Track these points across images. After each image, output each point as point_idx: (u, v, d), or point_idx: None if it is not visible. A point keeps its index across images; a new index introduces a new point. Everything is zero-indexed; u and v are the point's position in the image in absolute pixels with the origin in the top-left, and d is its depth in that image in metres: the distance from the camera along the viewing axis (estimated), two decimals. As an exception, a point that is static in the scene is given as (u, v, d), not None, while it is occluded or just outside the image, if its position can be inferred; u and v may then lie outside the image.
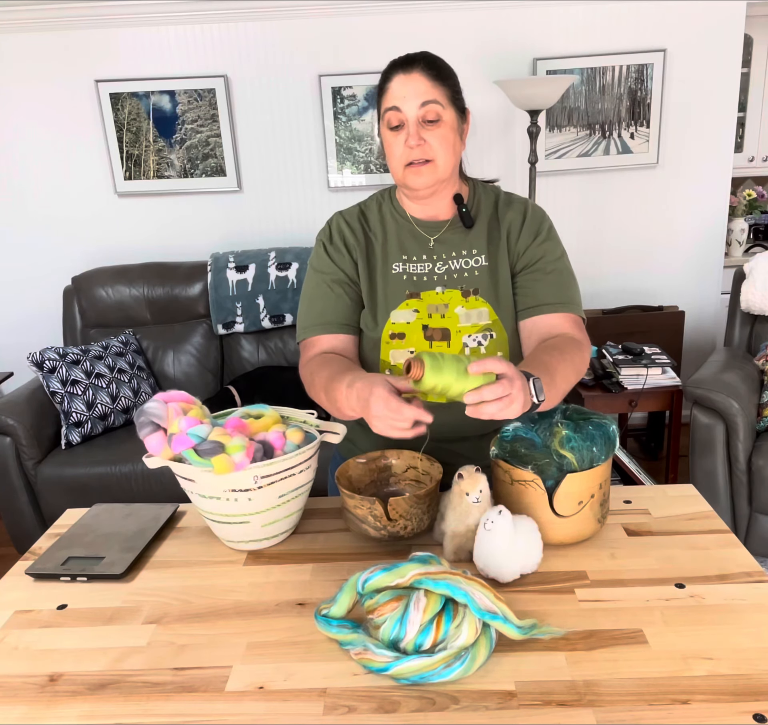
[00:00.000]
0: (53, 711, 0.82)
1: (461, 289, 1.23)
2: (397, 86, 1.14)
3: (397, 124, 1.15)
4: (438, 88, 1.14)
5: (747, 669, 0.82)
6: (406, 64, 1.14)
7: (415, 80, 1.13)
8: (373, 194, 1.33)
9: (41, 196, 3.22)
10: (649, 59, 3.06)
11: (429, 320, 1.22)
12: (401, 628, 0.84)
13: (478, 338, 1.21)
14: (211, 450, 1.01)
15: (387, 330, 1.22)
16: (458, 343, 1.21)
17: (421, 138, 1.14)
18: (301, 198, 3.25)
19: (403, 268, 1.24)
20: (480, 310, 1.22)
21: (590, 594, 0.96)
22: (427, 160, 1.16)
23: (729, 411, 2.31)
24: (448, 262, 1.24)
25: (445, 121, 1.15)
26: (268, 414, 1.15)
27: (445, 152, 1.16)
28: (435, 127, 1.14)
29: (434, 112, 1.14)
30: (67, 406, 2.61)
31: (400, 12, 2.99)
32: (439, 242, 1.25)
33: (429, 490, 1.06)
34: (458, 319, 1.22)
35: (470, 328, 1.21)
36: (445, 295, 1.23)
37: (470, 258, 1.24)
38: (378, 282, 1.25)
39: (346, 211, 1.31)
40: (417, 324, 1.22)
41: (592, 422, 1.09)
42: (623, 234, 3.33)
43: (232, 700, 0.82)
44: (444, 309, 1.22)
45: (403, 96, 1.13)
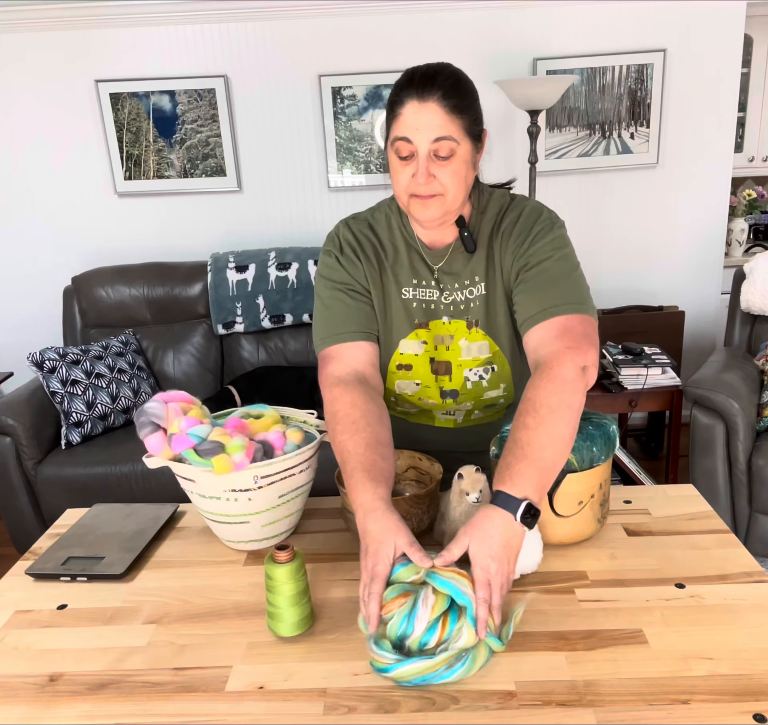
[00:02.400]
0: (53, 711, 0.82)
1: (467, 320, 1.17)
2: (410, 115, 1.01)
3: (407, 155, 1.04)
4: (455, 122, 1.02)
5: (747, 669, 0.82)
6: (423, 90, 1.01)
7: (431, 112, 1.00)
8: (381, 203, 1.22)
9: (41, 196, 3.22)
10: (649, 59, 3.06)
11: (435, 353, 1.19)
12: (409, 624, 0.84)
13: (479, 372, 1.18)
14: (211, 450, 1.01)
15: (394, 360, 1.19)
16: (460, 377, 1.19)
17: (431, 174, 1.04)
18: (301, 198, 3.25)
19: (413, 293, 1.18)
20: (480, 343, 1.18)
21: (590, 594, 0.96)
22: (434, 195, 1.06)
23: (729, 411, 2.31)
24: (454, 292, 1.17)
25: (458, 156, 1.04)
26: (268, 414, 1.15)
27: (456, 187, 1.05)
28: (447, 163, 1.03)
29: (447, 148, 1.02)
30: (67, 406, 2.61)
31: (400, 12, 2.99)
32: (442, 272, 1.17)
33: (429, 490, 1.06)
34: (460, 352, 1.18)
35: (471, 362, 1.18)
36: (452, 326, 1.18)
37: (473, 287, 1.17)
38: (389, 305, 1.18)
39: (353, 221, 1.21)
40: (425, 357, 1.19)
41: (592, 422, 1.09)
42: (623, 234, 3.33)
43: (232, 700, 0.82)
44: (450, 341, 1.18)
45: (415, 128, 1.01)
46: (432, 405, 1.22)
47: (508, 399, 1.23)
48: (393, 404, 1.25)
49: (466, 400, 1.20)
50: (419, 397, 1.21)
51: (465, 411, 1.24)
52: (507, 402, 1.23)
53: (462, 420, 1.25)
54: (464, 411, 1.24)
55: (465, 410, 1.23)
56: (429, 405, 1.23)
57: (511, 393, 1.22)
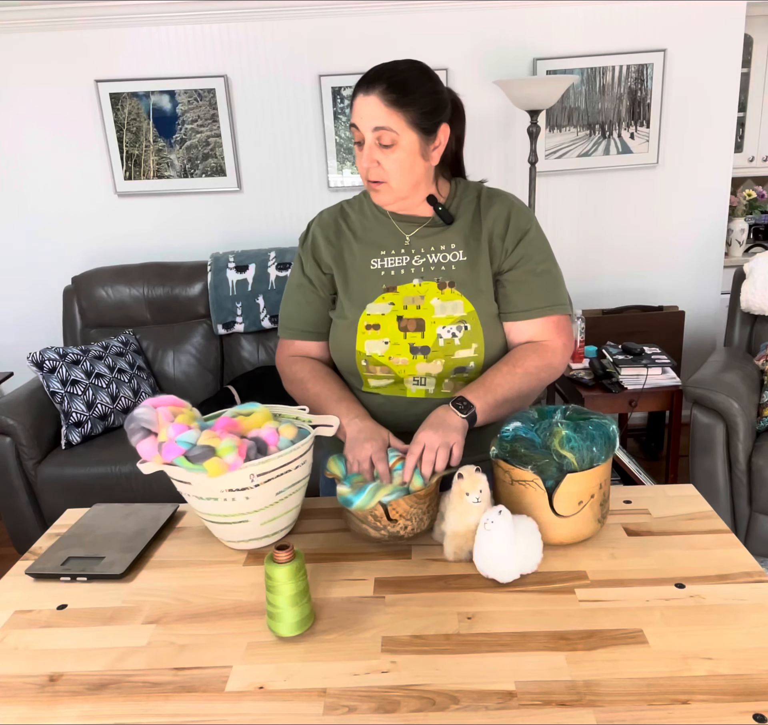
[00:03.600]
0: (53, 711, 0.82)
1: (437, 281, 1.25)
2: (358, 105, 1.15)
3: (359, 140, 1.17)
4: (394, 114, 1.13)
5: (747, 669, 0.82)
6: (368, 85, 1.13)
7: (371, 104, 1.13)
8: (359, 193, 1.36)
9: (41, 196, 3.22)
10: (649, 59, 3.06)
11: (404, 311, 1.24)
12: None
13: (452, 329, 1.23)
14: (201, 455, 1.01)
15: (362, 321, 1.25)
16: (432, 334, 1.23)
17: (374, 160, 1.16)
18: (301, 198, 3.25)
19: (381, 263, 1.27)
20: (455, 302, 1.24)
21: (590, 594, 0.96)
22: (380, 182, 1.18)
23: (729, 411, 2.31)
24: (426, 255, 1.26)
25: (401, 146, 1.15)
26: (257, 411, 1.14)
27: (399, 175, 1.17)
28: (390, 152, 1.15)
29: (388, 138, 1.14)
30: (67, 406, 2.61)
31: (401, 12, 2.99)
32: (416, 237, 1.27)
33: (429, 490, 1.06)
34: (434, 310, 1.24)
35: (445, 320, 1.23)
36: (422, 287, 1.25)
37: (448, 253, 1.26)
38: (355, 278, 1.28)
39: (327, 210, 1.35)
40: (392, 315, 1.24)
41: (592, 422, 1.09)
42: (623, 234, 3.33)
43: (232, 700, 0.82)
44: (420, 300, 1.24)
45: (360, 117, 1.15)
46: (402, 365, 1.24)
47: (478, 362, 1.25)
48: (364, 369, 1.27)
49: (437, 358, 1.23)
50: (389, 356, 1.24)
51: (436, 378, 1.25)
52: (477, 368, 1.26)
53: (433, 391, 1.27)
54: (435, 380, 1.26)
55: (436, 375, 1.25)
56: (399, 366, 1.24)
57: (481, 355, 1.25)
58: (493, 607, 0.95)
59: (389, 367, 1.25)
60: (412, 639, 0.90)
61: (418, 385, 1.27)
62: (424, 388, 1.27)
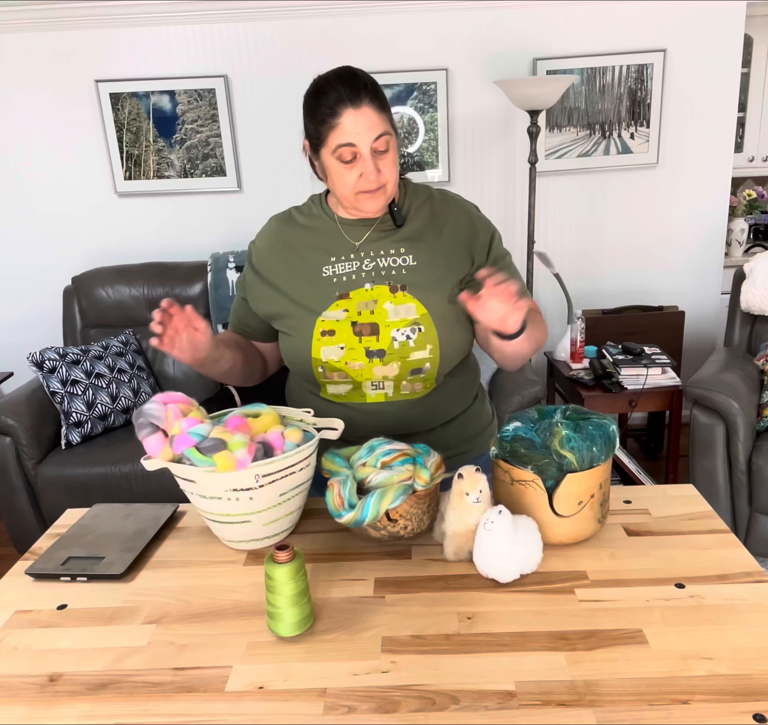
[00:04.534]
0: (53, 711, 0.82)
1: (389, 285, 1.25)
2: (349, 122, 1.12)
3: (351, 158, 1.15)
4: (385, 118, 1.15)
5: (747, 669, 0.82)
6: (354, 98, 1.13)
7: (366, 115, 1.13)
8: (310, 197, 1.36)
9: (41, 196, 3.22)
10: (649, 59, 3.06)
11: (358, 317, 1.24)
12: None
13: (407, 332, 1.23)
14: (213, 446, 1.01)
15: (318, 328, 1.25)
16: (387, 337, 1.23)
17: (378, 169, 1.16)
18: (301, 198, 3.22)
19: (333, 270, 1.26)
20: (408, 305, 1.24)
21: (590, 594, 0.96)
22: (380, 188, 1.18)
23: (729, 411, 2.31)
24: (376, 259, 1.26)
25: (392, 147, 1.18)
26: (265, 413, 1.15)
27: (394, 175, 1.19)
28: (386, 156, 1.16)
29: (385, 143, 1.15)
30: (67, 406, 2.61)
31: (400, 12, 2.99)
32: (365, 242, 1.27)
33: (429, 490, 1.06)
34: (387, 314, 1.24)
35: (399, 323, 1.23)
36: (374, 291, 1.25)
37: (398, 257, 1.26)
38: (307, 286, 1.27)
39: (275, 217, 1.36)
40: (346, 321, 1.24)
41: (592, 422, 1.09)
42: (623, 234, 3.33)
43: (232, 700, 0.82)
44: (373, 305, 1.25)
45: (357, 132, 1.13)
46: (359, 370, 1.24)
47: (434, 363, 1.25)
48: (321, 376, 1.27)
49: (393, 360, 1.24)
50: (345, 362, 1.24)
51: (393, 381, 1.26)
52: (433, 369, 1.26)
53: (393, 393, 1.27)
54: (393, 382, 1.26)
55: (393, 378, 1.25)
56: (356, 371, 1.25)
57: (436, 356, 1.25)
58: (493, 607, 0.95)
59: (346, 372, 1.25)
60: (412, 639, 0.90)
61: (376, 390, 1.27)
62: (383, 392, 1.27)
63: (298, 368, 1.30)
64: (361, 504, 1.02)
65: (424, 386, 1.28)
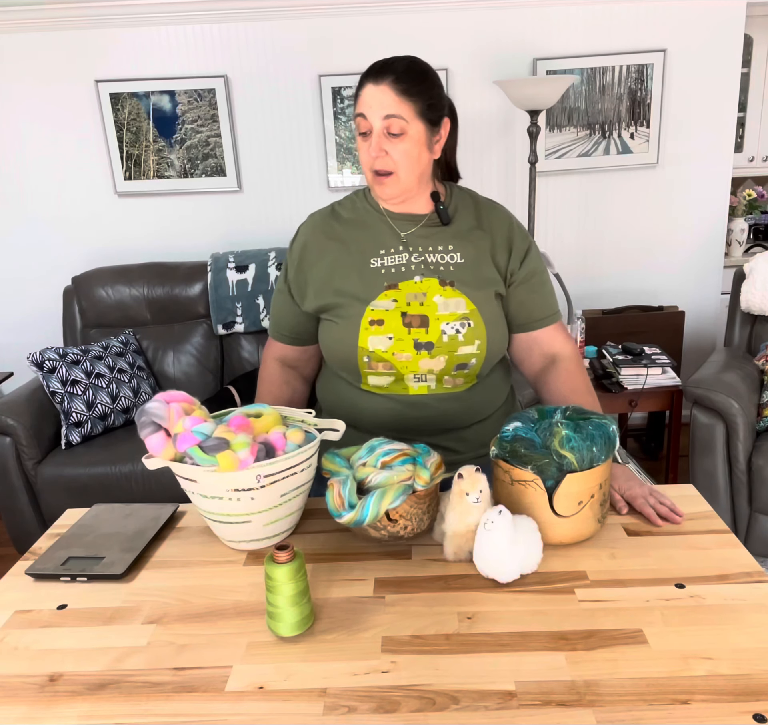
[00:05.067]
0: (53, 711, 0.82)
1: (439, 278, 1.26)
2: (367, 95, 1.17)
3: (365, 130, 1.19)
4: (405, 103, 1.16)
5: (747, 669, 0.82)
6: (379, 74, 1.16)
7: (382, 92, 1.15)
8: (350, 194, 1.36)
9: (41, 196, 3.22)
10: (649, 59, 3.06)
11: (407, 308, 1.24)
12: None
13: (456, 326, 1.24)
14: (216, 446, 1.01)
15: (366, 316, 1.24)
16: (437, 330, 1.23)
17: (383, 149, 1.18)
18: (301, 198, 3.25)
19: (381, 262, 1.27)
20: (458, 299, 1.25)
21: (590, 594, 0.96)
22: (390, 172, 1.20)
23: (729, 411, 2.31)
24: (424, 254, 1.27)
25: (410, 135, 1.17)
26: (267, 413, 1.15)
27: (407, 165, 1.19)
28: (398, 141, 1.17)
29: (398, 126, 1.16)
30: (67, 406, 2.61)
31: (400, 12, 2.99)
32: (413, 236, 1.28)
33: (429, 490, 1.06)
34: (437, 307, 1.24)
35: (449, 316, 1.24)
36: (424, 284, 1.25)
37: (446, 254, 1.27)
38: (354, 277, 1.27)
39: (318, 212, 1.35)
40: (396, 311, 1.24)
41: (592, 422, 1.09)
42: (623, 234, 3.33)
43: (232, 700, 0.82)
44: (422, 297, 1.25)
45: (369, 105, 1.16)
46: (405, 362, 1.24)
47: (480, 359, 1.26)
48: (365, 366, 1.26)
49: (440, 354, 1.24)
50: (393, 352, 1.24)
51: (437, 375, 1.26)
52: (478, 364, 1.27)
53: (435, 386, 1.27)
54: (435, 376, 1.26)
55: (438, 372, 1.25)
56: (402, 362, 1.24)
57: (483, 352, 1.26)
58: (493, 607, 0.95)
59: (392, 363, 1.25)
60: (412, 639, 0.90)
61: (419, 382, 1.27)
62: (426, 384, 1.27)
63: (340, 357, 1.29)
64: (361, 504, 1.02)
65: (465, 381, 1.29)
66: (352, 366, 1.28)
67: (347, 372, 1.30)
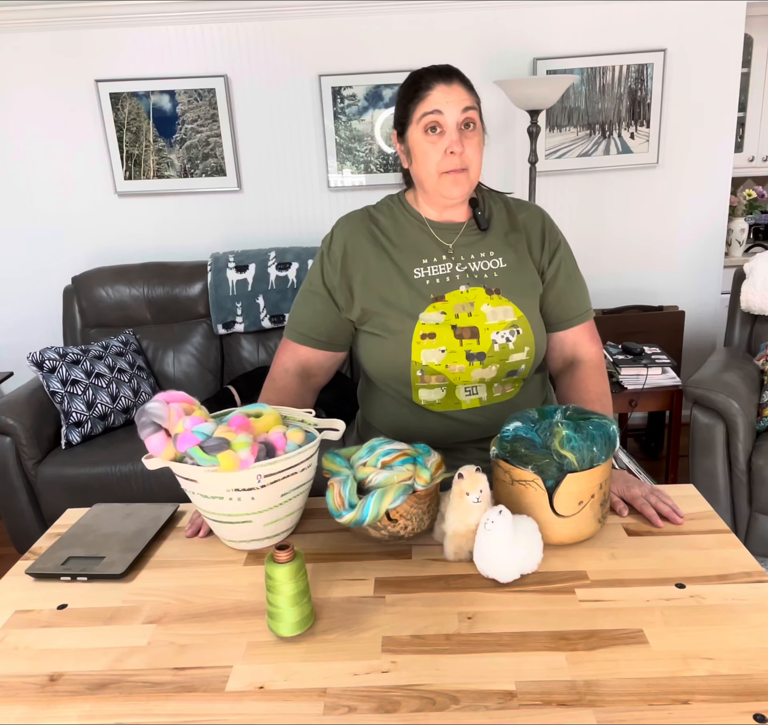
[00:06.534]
0: (53, 711, 0.82)
1: (485, 287, 1.25)
2: (440, 94, 1.17)
3: (436, 128, 1.17)
4: (474, 98, 1.20)
5: (747, 669, 0.82)
6: (447, 77, 1.19)
7: (457, 90, 1.18)
8: (383, 199, 1.34)
9: (41, 195, 3.22)
10: (649, 59, 3.06)
11: (456, 320, 1.23)
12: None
13: (506, 334, 1.24)
14: (217, 446, 1.01)
15: (417, 330, 1.23)
16: (487, 340, 1.23)
17: (461, 144, 1.17)
18: (301, 198, 3.25)
19: (425, 272, 1.26)
20: (505, 307, 1.25)
21: (590, 594, 0.96)
22: (464, 169, 1.18)
23: (729, 411, 2.31)
24: (467, 263, 1.27)
25: (478, 128, 1.20)
26: (267, 413, 1.15)
27: (478, 160, 1.20)
28: (472, 134, 1.18)
29: (474, 117, 1.18)
30: (67, 406, 2.61)
31: (400, 12, 2.99)
32: (457, 245, 1.28)
33: (429, 490, 1.06)
34: (485, 316, 1.24)
35: (498, 325, 1.24)
36: (470, 294, 1.25)
37: (488, 260, 1.27)
38: (401, 288, 1.25)
39: (354, 213, 1.32)
40: (446, 324, 1.23)
41: (592, 422, 1.09)
42: (623, 234, 3.33)
43: (232, 700, 0.82)
44: (470, 307, 1.24)
45: (446, 101, 1.16)
46: (458, 373, 1.24)
47: (528, 365, 1.27)
48: (418, 379, 1.25)
49: (492, 363, 1.24)
50: (446, 365, 1.23)
51: (487, 383, 1.26)
52: (527, 370, 1.28)
53: (486, 397, 1.28)
54: (485, 385, 1.26)
55: (489, 380, 1.26)
56: (455, 374, 1.24)
57: (531, 357, 1.27)
58: (493, 607, 0.95)
59: (445, 375, 1.24)
60: (412, 639, 0.90)
61: (470, 395, 1.27)
62: (477, 397, 1.27)
63: (391, 372, 1.26)
64: (362, 504, 1.02)
65: (514, 386, 1.30)
66: (404, 380, 1.26)
67: (397, 386, 1.28)
